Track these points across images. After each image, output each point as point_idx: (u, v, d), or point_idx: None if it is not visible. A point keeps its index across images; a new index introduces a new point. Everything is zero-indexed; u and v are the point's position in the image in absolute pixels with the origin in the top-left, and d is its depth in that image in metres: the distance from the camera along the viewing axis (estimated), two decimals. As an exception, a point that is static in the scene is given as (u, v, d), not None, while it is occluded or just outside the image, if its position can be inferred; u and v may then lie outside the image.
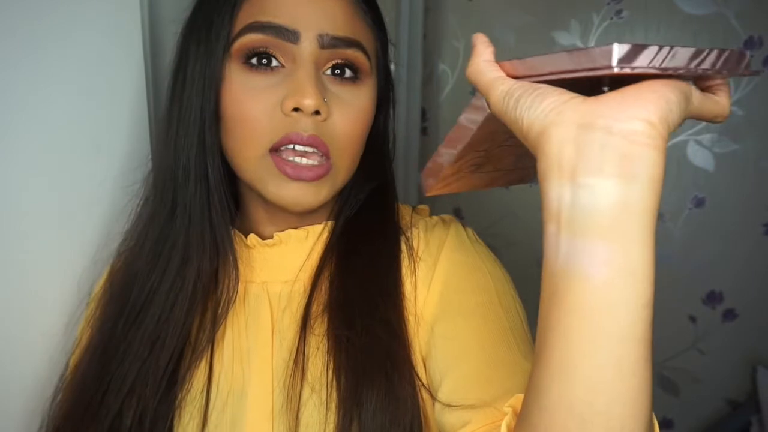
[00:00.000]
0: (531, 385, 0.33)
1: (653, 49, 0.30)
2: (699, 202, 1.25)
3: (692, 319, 1.29)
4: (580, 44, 1.29)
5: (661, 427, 1.35)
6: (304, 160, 0.51)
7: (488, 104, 0.37)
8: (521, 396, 0.36)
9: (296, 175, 0.50)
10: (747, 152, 1.21)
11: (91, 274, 0.63)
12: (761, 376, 1.20)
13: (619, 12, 1.25)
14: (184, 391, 0.53)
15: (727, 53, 0.33)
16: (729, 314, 1.27)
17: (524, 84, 0.34)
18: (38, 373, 0.60)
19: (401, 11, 1.28)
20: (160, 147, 0.58)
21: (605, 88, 0.36)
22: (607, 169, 0.29)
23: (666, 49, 0.31)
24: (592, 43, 1.29)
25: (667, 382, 1.32)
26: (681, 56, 0.32)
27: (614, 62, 0.30)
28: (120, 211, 0.63)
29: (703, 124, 1.22)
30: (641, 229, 0.29)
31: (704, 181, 1.24)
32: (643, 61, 0.30)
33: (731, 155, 1.22)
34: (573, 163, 0.30)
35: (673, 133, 0.32)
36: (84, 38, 0.62)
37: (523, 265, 1.41)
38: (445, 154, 0.42)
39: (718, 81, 0.35)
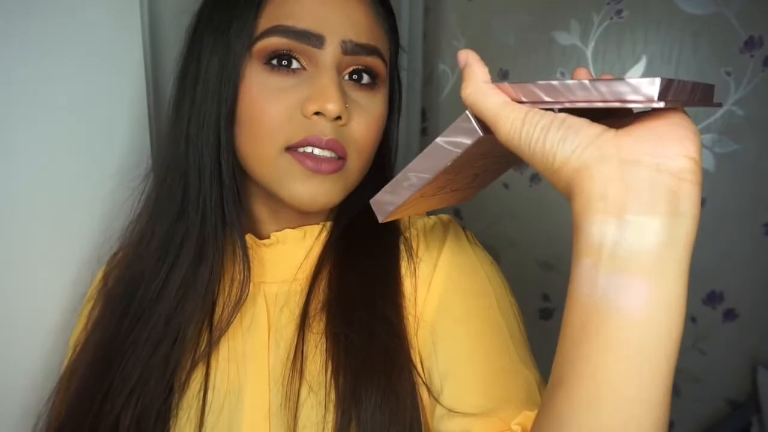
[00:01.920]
0: (552, 413, 0.32)
1: (676, 83, 0.31)
2: (699, 202, 1.25)
3: (692, 319, 1.29)
4: (579, 44, 1.29)
5: (661, 427, 1.35)
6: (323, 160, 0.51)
7: (482, 127, 0.36)
8: (530, 414, 0.36)
9: (316, 168, 0.50)
10: (747, 152, 1.21)
11: (89, 272, 0.63)
12: (761, 376, 1.20)
13: (619, 12, 1.25)
14: (180, 394, 0.53)
15: (703, 86, 0.34)
16: (729, 314, 1.27)
17: (543, 112, 0.33)
18: (35, 371, 0.60)
19: (401, 11, 1.28)
20: (167, 143, 0.57)
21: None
22: (658, 207, 0.30)
23: (681, 84, 0.31)
24: (591, 44, 1.29)
25: (667, 382, 1.32)
26: (687, 89, 0.32)
27: (657, 96, 0.30)
28: (119, 210, 0.63)
29: (704, 124, 1.22)
30: (682, 265, 0.30)
31: (704, 181, 1.24)
32: (671, 96, 0.31)
33: (731, 155, 1.22)
34: (621, 201, 0.30)
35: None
36: (84, 37, 0.62)
37: (522, 265, 1.42)
38: (416, 178, 0.40)
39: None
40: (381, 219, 0.43)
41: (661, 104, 0.30)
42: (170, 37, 0.59)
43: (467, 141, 0.36)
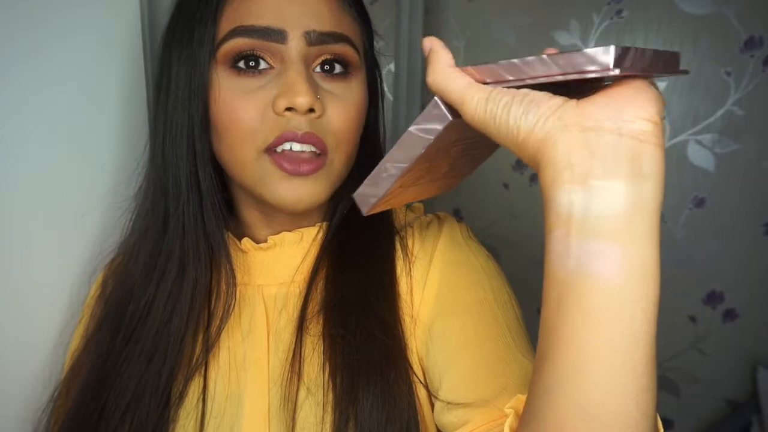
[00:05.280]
0: (538, 387, 0.32)
1: (633, 50, 0.31)
2: (699, 202, 1.25)
3: (692, 319, 1.29)
4: (580, 44, 1.29)
5: (661, 427, 1.35)
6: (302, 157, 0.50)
7: (451, 111, 0.36)
8: (522, 397, 0.36)
9: (294, 170, 0.50)
10: (747, 152, 1.21)
11: (84, 285, 0.63)
12: (761, 376, 1.20)
13: (619, 12, 1.25)
14: (177, 406, 0.53)
15: (668, 54, 0.34)
16: (729, 314, 1.26)
17: (506, 90, 0.34)
18: (30, 385, 0.60)
19: (401, 11, 1.28)
20: (148, 159, 0.58)
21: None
22: (622, 169, 0.30)
23: (640, 51, 0.32)
24: (592, 44, 1.29)
25: (667, 382, 1.32)
26: (647, 57, 0.32)
27: (612, 64, 0.30)
28: (114, 222, 0.63)
29: (704, 124, 1.22)
30: (651, 228, 0.30)
31: (704, 181, 1.24)
32: (628, 63, 0.31)
33: (731, 155, 1.22)
34: (586, 167, 0.30)
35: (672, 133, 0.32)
36: (82, 44, 0.62)
37: (522, 265, 1.42)
38: (393, 168, 0.40)
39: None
40: (365, 212, 0.44)
41: (617, 71, 0.30)
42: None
43: (438, 126, 0.37)
